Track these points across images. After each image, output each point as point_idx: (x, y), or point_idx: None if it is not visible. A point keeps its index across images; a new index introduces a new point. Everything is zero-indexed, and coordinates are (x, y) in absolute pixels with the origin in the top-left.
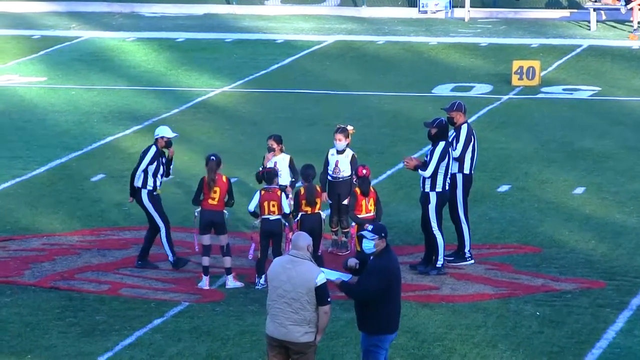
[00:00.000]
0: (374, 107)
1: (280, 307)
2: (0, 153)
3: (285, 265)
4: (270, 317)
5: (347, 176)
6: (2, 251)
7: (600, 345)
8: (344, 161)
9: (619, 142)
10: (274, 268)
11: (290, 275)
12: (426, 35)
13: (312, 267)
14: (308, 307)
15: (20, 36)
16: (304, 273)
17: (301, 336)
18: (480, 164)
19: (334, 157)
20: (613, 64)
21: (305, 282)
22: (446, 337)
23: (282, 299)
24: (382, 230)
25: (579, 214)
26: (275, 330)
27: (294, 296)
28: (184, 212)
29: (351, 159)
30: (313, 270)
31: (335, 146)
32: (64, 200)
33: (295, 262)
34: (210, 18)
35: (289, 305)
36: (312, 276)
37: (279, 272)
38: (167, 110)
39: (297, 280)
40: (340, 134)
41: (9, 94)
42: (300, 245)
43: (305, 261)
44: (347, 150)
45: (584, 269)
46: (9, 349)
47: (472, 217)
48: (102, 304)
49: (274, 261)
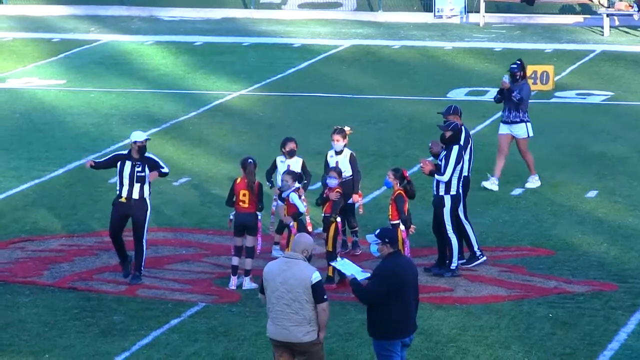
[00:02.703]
0: (389, 111)
1: (280, 309)
2: (20, 155)
3: (281, 267)
4: (271, 320)
5: (348, 176)
6: (21, 252)
7: (612, 347)
8: (344, 161)
9: (631, 147)
10: (269, 271)
11: (286, 277)
12: (441, 40)
13: (307, 266)
14: (307, 306)
15: (39, 39)
16: (299, 273)
17: (303, 336)
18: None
19: (334, 159)
20: (626, 69)
21: (301, 282)
22: (460, 339)
23: (281, 301)
24: (386, 236)
25: (591, 217)
26: (277, 333)
27: (292, 297)
28: (201, 214)
29: (350, 158)
30: (308, 269)
31: (333, 147)
32: (82, 201)
33: (289, 263)
34: (228, 22)
35: (288, 306)
36: (307, 275)
37: (275, 275)
38: (184, 113)
39: (293, 280)
40: (338, 135)
41: (29, 97)
42: (299, 246)
43: (299, 261)
44: (345, 151)
45: (596, 272)
46: (28, 348)
47: (486, 220)
48: (119, 305)
49: (269, 264)
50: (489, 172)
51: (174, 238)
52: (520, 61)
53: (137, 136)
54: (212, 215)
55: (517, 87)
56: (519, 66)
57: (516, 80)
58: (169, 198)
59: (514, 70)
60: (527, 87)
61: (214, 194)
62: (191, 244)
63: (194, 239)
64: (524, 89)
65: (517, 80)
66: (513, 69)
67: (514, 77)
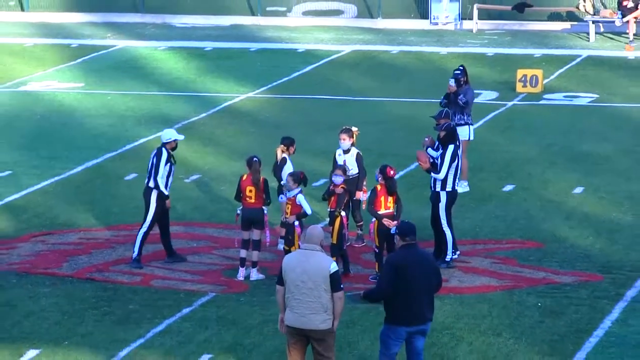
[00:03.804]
0: (388, 112)
1: (299, 298)
2: (41, 153)
3: (300, 258)
4: (290, 309)
5: (355, 174)
6: (42, 245)
7: (597, 334)
8: (351, 160)
9: (616, 146)
10: (289, 262)
11: (306, 267)
12: (437, 45)
13: (324, 257)
14: (324, 294)
15: (59, 45)
16: (318, 263)
17: (320, 324)
18: (487, 165)
19: (341, 157)
20: (610, 73)
21: (320, 271)
22: (454, 326)
23: (300, 290)
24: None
25: (578, 212)
26: (296, 320)
27: (311, 285)
28: (211, 210)
29: (356, 157)
30: (326, 259)
31: (340, 146)
32: (100, 197)
33: (308, 254)
34: (236, 29)
35: (307, 295)
36: (325, 265)
37: (295, 266)
38: (195, 114)
39: (312, 270)
40: (345, 134)
41: (49, 99)
42: (314, 238)
43: (317, 252)
44: (352, 150)
45: (583, 263)
46: (48, 335)
47: (479, 215)
48: (134, 294)
49: (288, 256)
50: (480, 169)
51: (186, 232)
52: (462, 67)
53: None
54: (221, 210)
55: (462, 91)
56: (462, 72)
57: (460, 85)
58: (181, 194)
59: (458, 76)
60: (471, 91)
61: (223, 190)
62: (202, 238)
63: (204, 233)
64: (468, 93)
65: (461, 85)
66: (457, 75)
67: (458, 82)
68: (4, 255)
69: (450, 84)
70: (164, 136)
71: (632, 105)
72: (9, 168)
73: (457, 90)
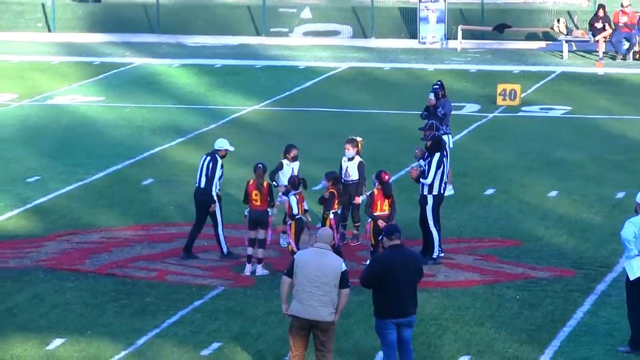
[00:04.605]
0: (381, 123)
1: (311, 291)
2: (65, 161)
3: (314, 256)
4: (299, 300)
5: (355, 179)
6: (67, 243)
7: (571, 324)
8: (353, 167)
9: (587, 153)
10: (303, 259)
11: (321, 264)
12: (425, 62)
13: (335, 256)
14: (334, 289)
15: (82, 62)
16: (331, 261)
17: (327, 315)
18: (470, 171)
19: (345, 164)
20: (582, 88)
21: (333, 269)
22: (440, 317)
23: (313, 284)
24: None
25: (553, 214)
26: (305, 312)
27: (323, 280)
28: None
29: (358, 165)
30: (337, 259)
31: (345, 154)
32: (119, 200)
33: (321, 253)
34: (243, 47)
35: (318, 288)
36: (338, 264)
37: (309, 262)
38: (206, 125)
39: (326, 267)
40: (349, 144)
41: (73, 111)
42: (326, 239)
43: (330, 252)
44: (355, 158)
45: (557, 260)
46: (73, 326)
47: (463, 216)
48: (151, 288)
49: (301, 253)
50: (464, 175)
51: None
52: (440, 82)
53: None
54: (229, 212)
55: (440, 104)
56: (440, 86)
57: (439, 98)
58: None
59: (437, 90)
60: (449, 103)
61: (231, 194)
62: (212, 237)
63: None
64: (446, 105)
65: (439, 98)
66: (436, 89)
67: (437, 96)
68: (33, 252)
69: (430, 97)
70: (217, 144)
71: (602, 117)
72: (37, 174)
73: (436, 103)
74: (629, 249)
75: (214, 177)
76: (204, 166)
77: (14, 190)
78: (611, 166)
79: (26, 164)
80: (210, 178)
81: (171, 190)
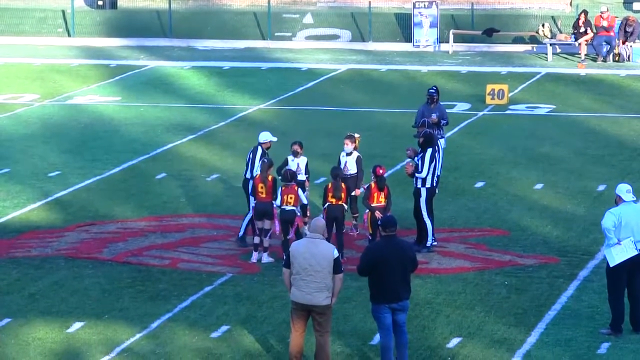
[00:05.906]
0: (378, 121)
1: (307, 279)
2: (84, 156)
3: (307, 245)
4: (296, 287)
5: (353, 173)
6: (86, 234)
7: (555, 308)
8: (351, 161)
9: (570, 149)
10: (297, 248)
11: (314, 252)
12: (419, 64)
13: (328, 244)
14: (328, 276)
15: (100, 65)
16: (324, 250)
17: (323, 300)
18: (461, 165)
19: (344, 159)
20: (566, 87)
21: (326, 256)
22: (434, 301)
23: (307, 272)
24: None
25: (538, 205)
26: (302, 297)
27: (317, 268)
28: (228, 204)
29: (356, 159)
30: (329, 247)
31: (344, 149)
32: (135, 193)
33: (315, 242)
34: (250, 51)
35: (314, 276)
36: (330, 251)
37: (303, 251)
38: (215, 123)
39: (319, 256)
40: (347, 140)
41: (91, 110)
42: (318, 229)
43: (322, 241)
44: (354, 153)
45: (543, 248)
46: (91, 310)
47: (454, 208)
48: (164, 275)
49: (296, 243)
50: (455, 169)
51: (208, 222)
52: (435, 87)
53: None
54: (237, 204)
55: (436, 109)
56: (436, 90)
57: (434, 102)
58: (203, 190)
59: (433, 95)
60: (442, 107)
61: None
62: (221, 227)
63: (223, 223)
64: (442, 109)
65: (435, 102)
66: (432, 94)
67: (433, 100)
68: (54, 242)
69: (434, 117)
70: (261, 137)
71: (584, 115)
72: (58, 169)
73: (431, 107)
74: (609, 238)
75: (254, 167)
76: (250, 159)
77: (36, 184)
78: (593, 161)
79: (48, 160)
80: (250, 169)
81: (183, 184)
